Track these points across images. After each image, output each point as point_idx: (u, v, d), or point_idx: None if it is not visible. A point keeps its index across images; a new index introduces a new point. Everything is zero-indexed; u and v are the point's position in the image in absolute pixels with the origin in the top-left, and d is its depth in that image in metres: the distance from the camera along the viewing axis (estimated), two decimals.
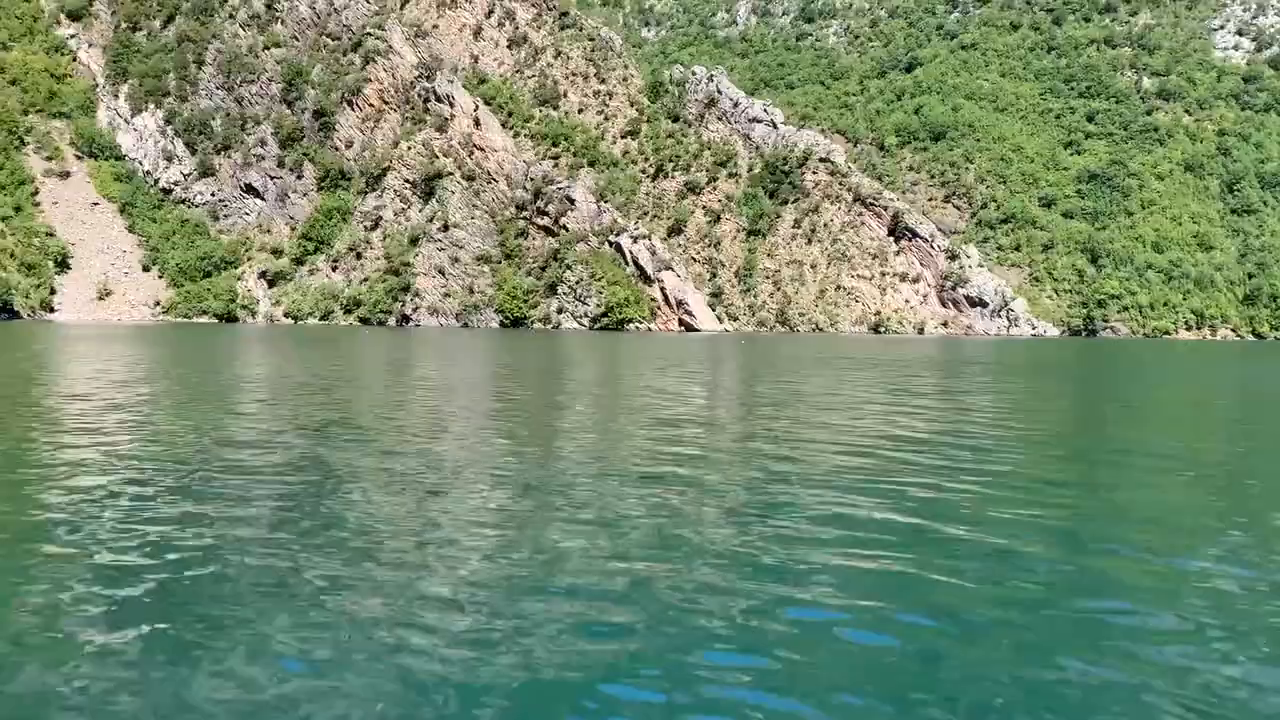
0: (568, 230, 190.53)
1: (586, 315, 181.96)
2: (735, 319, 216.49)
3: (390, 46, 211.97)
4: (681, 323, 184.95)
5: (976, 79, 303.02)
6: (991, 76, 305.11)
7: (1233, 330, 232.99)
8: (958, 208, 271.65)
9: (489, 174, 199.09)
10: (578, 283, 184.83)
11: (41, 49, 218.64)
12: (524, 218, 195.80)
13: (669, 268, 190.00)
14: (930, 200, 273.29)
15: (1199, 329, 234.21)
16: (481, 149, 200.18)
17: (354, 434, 20.47)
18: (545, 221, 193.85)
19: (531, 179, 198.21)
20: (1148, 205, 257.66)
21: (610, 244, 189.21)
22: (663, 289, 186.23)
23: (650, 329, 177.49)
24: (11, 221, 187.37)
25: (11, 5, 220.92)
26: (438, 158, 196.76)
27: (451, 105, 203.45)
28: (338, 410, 25.78)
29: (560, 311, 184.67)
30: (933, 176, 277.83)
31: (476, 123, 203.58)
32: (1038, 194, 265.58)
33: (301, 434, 20.02)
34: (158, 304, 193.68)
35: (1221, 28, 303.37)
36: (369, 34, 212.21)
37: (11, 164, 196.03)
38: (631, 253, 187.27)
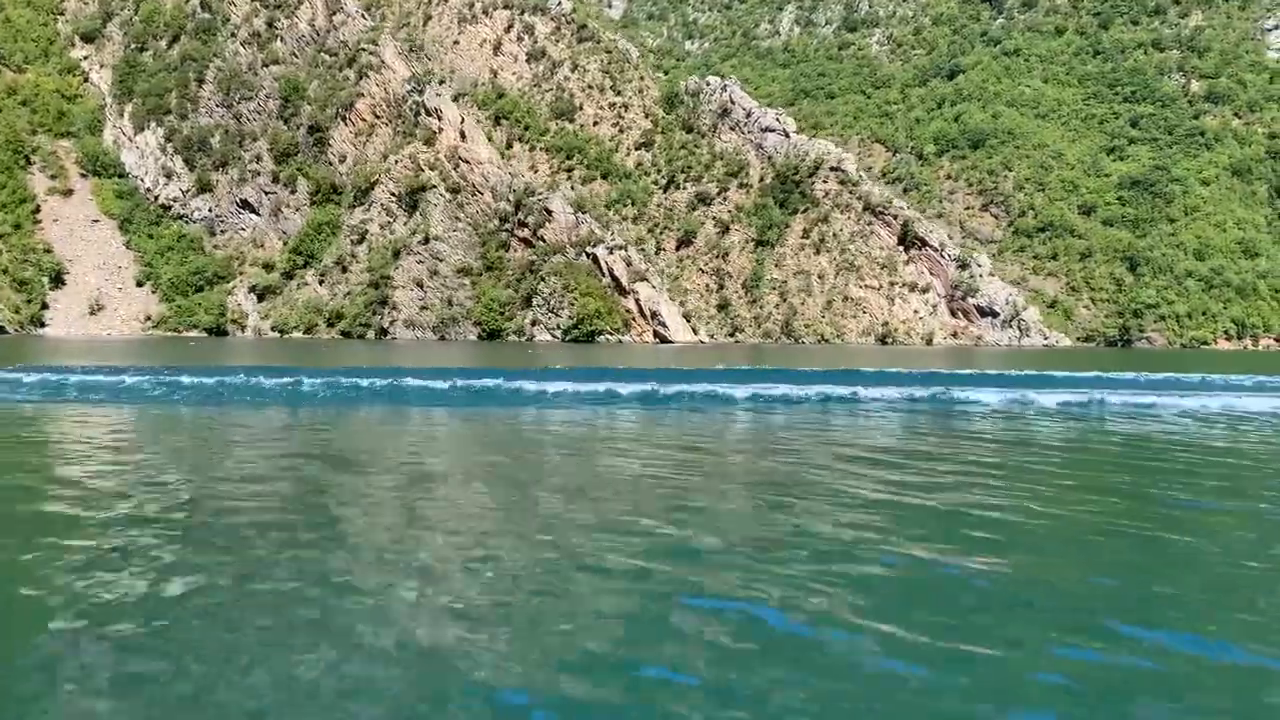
0: (545, 242, 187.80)
1: (559, 327, 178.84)
2: (741, 330, 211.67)
3: (383, 61, 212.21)
4: (656, 334, 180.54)
5: (1019, 85, 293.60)
6: (1034, 82, 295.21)
7: (1276, 340, 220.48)
8: (995, 216, 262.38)
9: (474, 186, 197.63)
10: (551, 294, 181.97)
11: (55, 70, 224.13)
12: (506, 229, 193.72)
13: (644, 279, 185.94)
14: (967, 209, 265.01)
15: (1239, 339, 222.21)
16: (467, 161, 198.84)
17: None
18: (525, 233, 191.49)
19: (514, 191, 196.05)
20: (1191, 211, 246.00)
21: (587, 255, 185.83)
22: (637, 300, 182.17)
23: (621, 340, 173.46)
24: (9, 239, 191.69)
25: (29, 29, 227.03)
26: (423, 171, 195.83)
27: (439, 118, 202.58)
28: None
29: (534, 324, 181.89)
30: (970, 185, 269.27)
31: (463, 135, 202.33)
32: (1077, 201, 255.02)
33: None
34: (148, 319, 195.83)
35: (1276, 28, 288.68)
36: (363, 49, 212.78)
37: (14, 183, 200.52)
38: (607, 264, 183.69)
